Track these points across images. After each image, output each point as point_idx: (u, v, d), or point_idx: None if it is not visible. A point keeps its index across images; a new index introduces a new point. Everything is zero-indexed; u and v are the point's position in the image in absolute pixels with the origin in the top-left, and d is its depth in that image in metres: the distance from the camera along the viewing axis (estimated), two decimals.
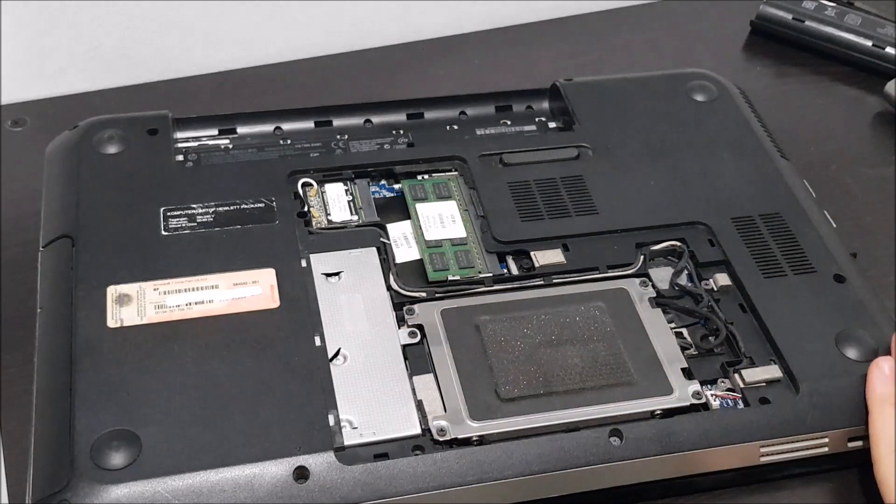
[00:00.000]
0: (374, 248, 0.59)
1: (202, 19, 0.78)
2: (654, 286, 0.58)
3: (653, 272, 0.59)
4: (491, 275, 0.58)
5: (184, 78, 0.78)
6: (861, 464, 0.54)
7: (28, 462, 0.50)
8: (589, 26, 0.86)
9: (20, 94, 0.75)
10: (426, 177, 0.64)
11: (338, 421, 0.51)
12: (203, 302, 0.55)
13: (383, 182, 0.64)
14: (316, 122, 0.68)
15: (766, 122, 0.70)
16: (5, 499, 0.51)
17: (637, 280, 0.58)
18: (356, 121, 0.68)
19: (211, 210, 0.59)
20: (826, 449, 0.53)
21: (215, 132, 0.66)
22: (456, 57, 0.82)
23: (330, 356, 0.53)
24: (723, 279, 0.59)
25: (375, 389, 0.52)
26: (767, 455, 0.52)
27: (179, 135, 0.66)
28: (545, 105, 0.71)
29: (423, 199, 0.62)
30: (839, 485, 0.55)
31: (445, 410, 0.52)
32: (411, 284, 0.58)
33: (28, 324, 0.55)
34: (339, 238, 0.59)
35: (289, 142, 0.66)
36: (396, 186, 0.64)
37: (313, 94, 0.68)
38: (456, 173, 0.64)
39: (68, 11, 0.74)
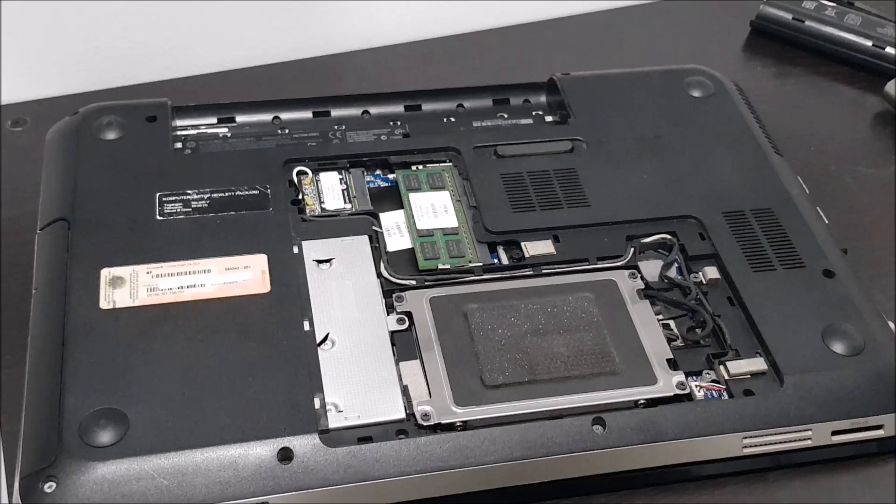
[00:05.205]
0: (366, 237, 0.59)
1: (202, 19, 0.79)
2: (643, 278, 0.58)
3: (643, 265, 0.60)
4: (481, 264, 0.59)
5: (184, 78, 0.79)
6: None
7: (18, 440, 0.50)
8: (589, 26, 0.86)
9: (20, 94, 0.76)
10: (421, 167, 0.65)
11: (323, 404, 0.51)
12: (195, 286, 0.55)
13: (378, 172, 0.65)
14: (314, 113, 0.68)
15: (764, 120, 0.70)
16: (5, 499, 0.52)
17: (626, 272, 0.59)
18: (354, 111, 0.69)
19: (206, 196, 0.60)
20: (809, 442, 0.53)
21: (214, 121, 0.67)
22: (456, 57, 0.83)
23: (318, 341, 0.54)
24: (712, 272, 0.59)
25: (362, 374, 0.53)
26: (750, 447, 0.53)
27: (178, 122, 0.66)
28: (542, 99, 0.71)
29: (417, 189, 0.63)
30: (837, 484, 0.55)
31: (430, 396, 0.52)
32: (402, 272, 0.58)
33: (29, 324, 0.55)
34: (331, 226, 0.60)
35: (286, 131, 0.67)
36: (391, 176, 0.64)
37: (313, 94, 0.69)
38: (450, 164, 0.65)
39: (68, 11, 0.75)
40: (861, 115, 0.79)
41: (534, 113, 0.70)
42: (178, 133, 0.66)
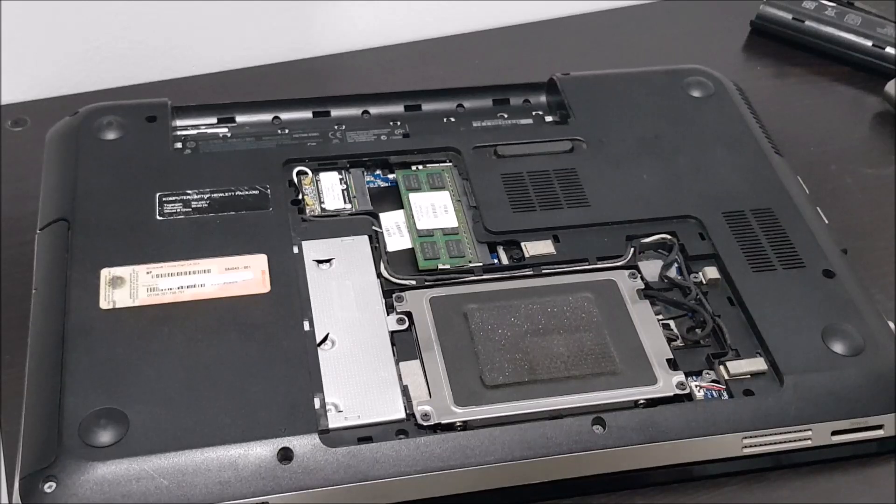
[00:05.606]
0: (366, 237, 0.59)
1: (202, 19, 0.79)
2: (642, 278, 0.58)
3: (643, 265, 0.60)
4: (481, 264, 0.59)
5: (184, 78, 0.79)
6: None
7: (18, 440, 0.50)
8: (589, 26, 0.86)
9: (20, 94, 0.76)
10: (421, 167, 0.65)
11: (323, 404, 0.51)
12: (195, 286, 0.55)
13: (378, 172, 0.65)
14: (314, 113, 0.68)
15: (764, 120, 0.70)
16: (5, 499, 0.52)
17: (626, 272, 0.59)
18: (354, 111, 0.69)
19: (206, 196, 0.60)
20: (809, 442, 0.53)
21: (214, 120, 0.67)
22: (456, 57, 0.83)
23: (318, 341, 0.54)
24: (712, 272, 0.59)
25: (362, 374, 0.53)
26: (750, 447, 0.53)
27: (178, 122, 0.66)
28: (542, 99, 0.71)
29: (417, 189, 0.63)
30: (837, 484, 0.55)
31: (430, 396, 0.52)
32: (402, 272, 0.58)
33: (29, 324, 0.55)
34: (331, 226, 0.60)
35: (286, 131, 0.67)
36: (391, 176, 0.64)
37: (313, 94, 0.69)
38: (450, 164, 0.65)
39: (68, 11, 0.75)
40: (861, 115, 0.79)
41: (534, 113, 0.70)
42: (178, 133, 0.66)
